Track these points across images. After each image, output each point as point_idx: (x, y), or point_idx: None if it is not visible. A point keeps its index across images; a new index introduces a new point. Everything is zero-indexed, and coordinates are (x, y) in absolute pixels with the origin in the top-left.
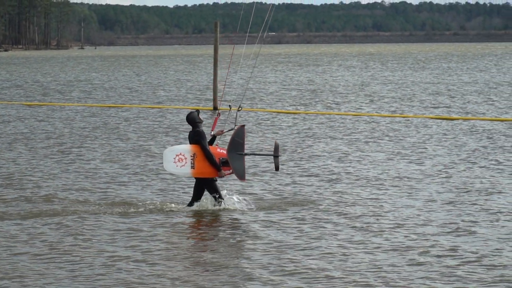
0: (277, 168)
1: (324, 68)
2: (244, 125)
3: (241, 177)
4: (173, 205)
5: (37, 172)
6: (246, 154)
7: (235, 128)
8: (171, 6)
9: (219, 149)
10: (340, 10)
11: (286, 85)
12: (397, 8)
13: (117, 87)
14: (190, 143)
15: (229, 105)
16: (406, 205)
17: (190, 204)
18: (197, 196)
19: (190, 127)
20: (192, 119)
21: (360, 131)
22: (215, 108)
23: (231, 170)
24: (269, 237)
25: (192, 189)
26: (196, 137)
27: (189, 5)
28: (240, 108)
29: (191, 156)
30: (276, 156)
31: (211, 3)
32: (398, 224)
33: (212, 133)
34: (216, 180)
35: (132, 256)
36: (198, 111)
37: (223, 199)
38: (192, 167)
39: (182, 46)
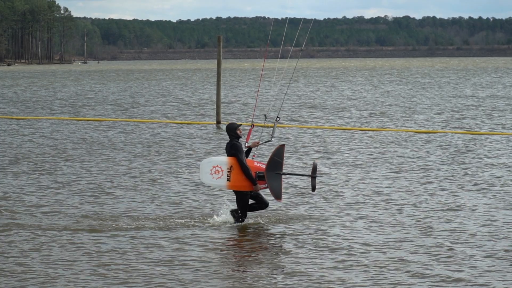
0: (313, 189)
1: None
2: (284, 145)
3: (278, 196)
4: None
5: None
6: (284, 174)
7: (275, 145)
8: (174, 20)
9: (256, 163)
10: (344, 24)
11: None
12: (400, 23)
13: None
14: (228, 155)
15: (265, 115)
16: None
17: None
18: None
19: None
20: (230, 129)
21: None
22: (218, 123)
23: (266, 185)
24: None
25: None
26: (232, 151)
27: (192, 19)
28: (278, 119)
29: (227, 169)
30: (314, 177)
31: (214, 18)
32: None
33: (247, 145)
34: (249, 195)
35: (159, 270)
36: (239, 124)
37: (245, 217)
38: (228, 180)
39: (186, 60)
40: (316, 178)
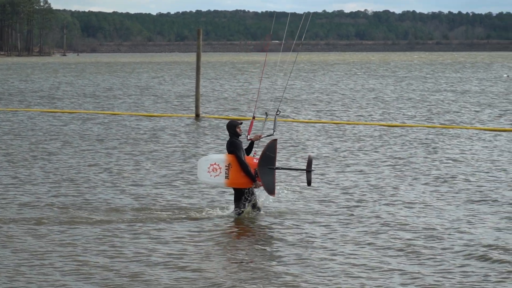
0: (309, 183)
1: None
2: (276, 139)
3: (271, 192)
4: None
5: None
6: (277, 169)
7: (270, 136)
8: (154, 13)
9: (255, 160)
10: (323, 18)
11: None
12: (380, 17)
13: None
14: (228, 152)
15: (266, 113)
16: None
17: (239, 213)
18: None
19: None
20: (230, 127)
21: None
22: (197, 116)
23: None
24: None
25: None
26: (231, 148)
27: (172, 12)
28: (278, 112)
29: (225, 166)
30: (309, 171)
31: (194, 11)
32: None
33: (248, 137)
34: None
35: (158, 262)
36: (240, 123)
37: (244, 209)
38: (226, 177)
39: (166, 53)
40: (312, 172)
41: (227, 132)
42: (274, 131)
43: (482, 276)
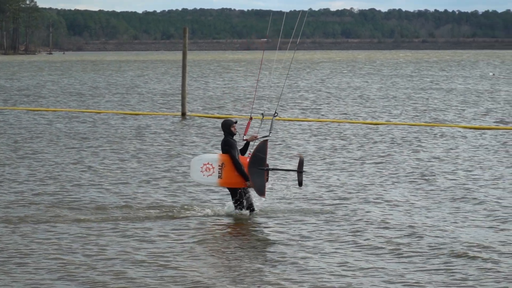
0: (300, 184)
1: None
2: (267, 140)
3: (261, 193)
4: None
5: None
6: (267, 169)
7: (266, 138)
8: (140, 11)
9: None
10: (310, 16)
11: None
12: (366, 15)
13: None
14: (222, 152)
15: (262, 113)
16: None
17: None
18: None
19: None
20: (225, 125)
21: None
22: (183, 114)
23: None
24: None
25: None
26: (225, 147)
27: (158, 10)
28: (276, 114)
29: (219, 166)
30: (300, 171)
31: (180, 9)
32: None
33: (244, 138)
34: (244, 190)
35: (144, 260)
36: (235, 121)
37: (243, 209)
38: (220, 177)
39: (152, 51)
40: (303, 173)
41: (212, 131)
42: (270, 132)
43: (463, 274)
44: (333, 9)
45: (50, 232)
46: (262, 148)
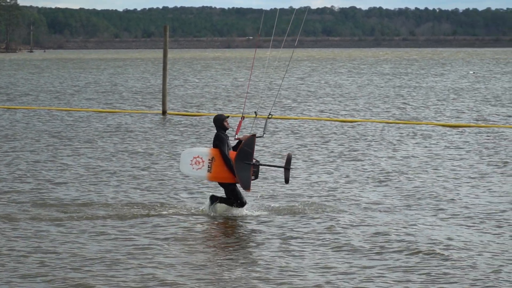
0: (287, 181)
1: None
2: (254, 135)
3: (246, 187)
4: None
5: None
6: (254, 164)
7: (249, 136)
8: (120, 10)
9: None
10: (290, 15)
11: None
12: (347, 13)
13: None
14: (213, 146)
15: (255, 112)
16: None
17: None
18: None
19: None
20: (217, 121)
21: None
22: (164, 113)
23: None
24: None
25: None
26: (216, 142)
27: (139, 9)
28: (270, 116)
29: (209, 160)
30: (287, 168)
31: (161, 7)
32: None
33: (236, 137)
34: (236, 185)
35: (137, 261)
36: (227, 116)
37: (242, 206)
38: (209, 171)
39: (132, 49)
40: (290, 170)
41: (192, 129)
42: (264, 133)
43: (425, 273)
44: (313, 7)
45: (29, 231)
46: (249, 143)
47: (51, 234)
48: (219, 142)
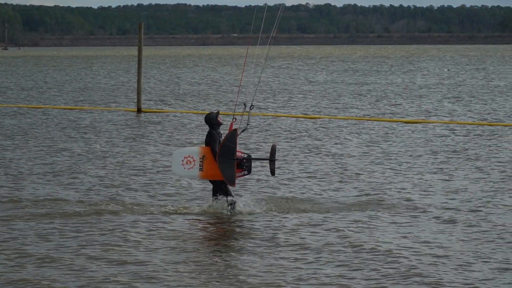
0: (272, 173)
1: None
2: (236, 129)
3: (231, 182)
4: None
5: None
6: (238, 159)
7: (244, 131)
8: (95, 7)
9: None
10: (265, 11)
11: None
12: (321, 11)
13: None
14: (205, 144)
15: (244, 103)
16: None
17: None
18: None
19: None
20: (208, 119)
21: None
22: (139, 110)
23: (242, 173)
24: (276, 239)
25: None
26: (207, 139)
27: (113, 6)
28: (252, 107)
29: (200, 158)
30: (272, 160)
31: (136, 5)
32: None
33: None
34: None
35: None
36: (218, 112)
37: (235, 202)
38: (201, 169)
39: (107, 47)
40: (275, 161)
41: (167, 127)
42: (248, 125)
43: (383, 275)
44: (288, 4)
45: (5, 228)
46: (231, 138)
47: (30, 231)
48: (210, 139)
